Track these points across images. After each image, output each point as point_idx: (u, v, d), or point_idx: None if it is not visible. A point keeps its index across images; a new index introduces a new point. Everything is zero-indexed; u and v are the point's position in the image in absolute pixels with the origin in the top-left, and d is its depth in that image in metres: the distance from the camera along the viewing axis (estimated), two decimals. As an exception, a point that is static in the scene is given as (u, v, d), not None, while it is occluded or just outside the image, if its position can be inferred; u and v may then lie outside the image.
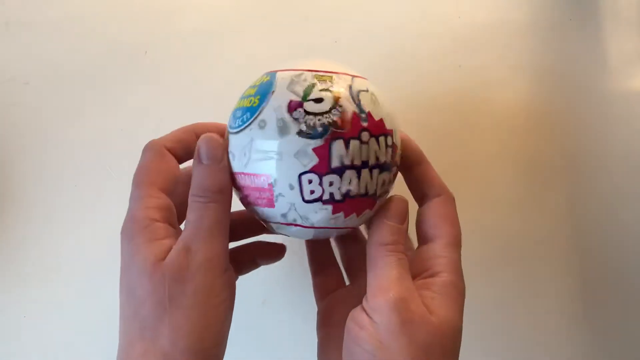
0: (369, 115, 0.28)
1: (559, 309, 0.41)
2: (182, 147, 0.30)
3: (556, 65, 0.43)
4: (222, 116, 0.39)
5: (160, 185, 0.29)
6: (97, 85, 0.42)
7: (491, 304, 0.40)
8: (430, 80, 0.42)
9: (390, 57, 0.43)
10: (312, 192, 0.27)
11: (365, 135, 0.27)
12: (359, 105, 0.28)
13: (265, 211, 0.28)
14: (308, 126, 0.26)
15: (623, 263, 0.42)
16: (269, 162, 0.27)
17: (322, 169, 0.26)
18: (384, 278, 0.27)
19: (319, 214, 0.27)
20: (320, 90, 0.27)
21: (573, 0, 0.44)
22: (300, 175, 0.26)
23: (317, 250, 0.35)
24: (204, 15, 0.43)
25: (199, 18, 0.43)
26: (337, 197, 0.27)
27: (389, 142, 0.28)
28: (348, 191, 0.27)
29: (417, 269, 0.28)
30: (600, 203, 0.42)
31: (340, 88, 0.28)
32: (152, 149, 0.30)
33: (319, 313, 0.34)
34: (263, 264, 0.36)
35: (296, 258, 0.38)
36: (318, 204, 0.27)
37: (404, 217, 0.29)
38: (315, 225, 0.28)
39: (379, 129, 0.28)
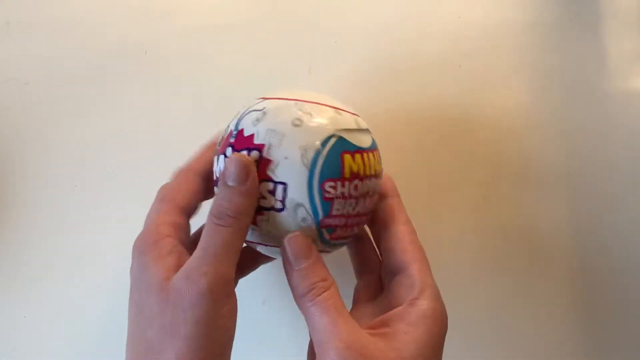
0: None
1: (559, 310, 0.41)
2: (210, 166, 0.31)
3: (556, 65, 0.43)
4: (222, 116, 0.38)
5: (181, 204, 0.29)
6: (97, 86, 0.42)
7: (490, 305, 0.40)
8: (430, 80, 0.42)
9: (390, 57, 0.43)
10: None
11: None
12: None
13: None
14: None
15: (623, 263, 0.41)
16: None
17: None
18: (321, 331, 0.25)
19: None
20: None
21: (573, 0, 0.44)
22: None
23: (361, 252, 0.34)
24: (204, 15, 0.43)
25: (199, 18, 0.43)
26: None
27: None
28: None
29: (397, 300, 0.28)
30: (600, 203, 0.42)
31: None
32: (179, 172, 0.31)
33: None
34: (264, 263, 0.36)
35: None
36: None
37: (307, 252, 0.27)
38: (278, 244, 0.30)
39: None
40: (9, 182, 0.41)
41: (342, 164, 0.27)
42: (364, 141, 0.29)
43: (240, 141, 0.28)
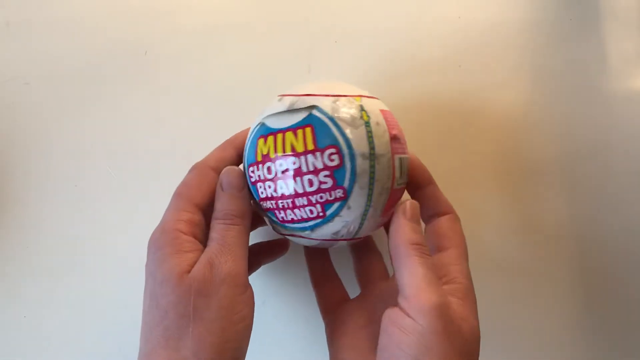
0: None
1: (559, 310, 0.41)
2: (225, 165, 0.32)
3: (556, 65, 0.43)
4: (222, 116, 0.39)
5: (197, 201, 0.30)
6: (97, 85, 0.42)
7: (490, 306, 0.40)
8: (430, 81, 0.42)
9: (390, 57, 0.43)
10: None
11: None
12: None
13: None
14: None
15: (624, 263, 0.41)
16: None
17: None
18: (421, 279, 0.27)
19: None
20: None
21: (573, 0, 0.44)
22: None
23: (317, 264, 0.36)
24: (204, 15, 0.43)
25: (199, 18, 0.43)
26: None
27: None
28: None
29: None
30: (601, 203, 0.42)
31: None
32: (196, 168, 0.32)
33: (328, 326, 0.34)
34: (266, 263, 0.36)
35: (296, 258, 0.38)
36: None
37: (419, 220, 0.30)
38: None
39: None
40: (8, 182, 0.41)
41: (256, 148, 0.30)
42: (287, 122, 0.29)
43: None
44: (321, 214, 0.29)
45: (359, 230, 0.30)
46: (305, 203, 0.29)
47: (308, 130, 0.29)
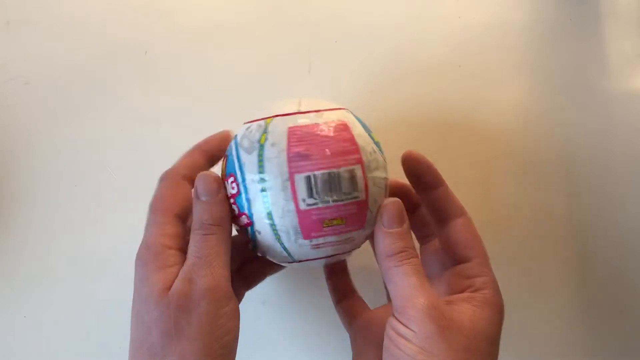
0: None
1: (559, 310, 0.41)
2: (195, 171, 0.31)
3: (556, 65, 0.43)
4: (222, 116, 0.38)
5: (176, 212, 0.30)
6: (97, 85, 0.42)
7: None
8: (431, 81, 0.42)
9: (390, 57, 0.43)
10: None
11: None
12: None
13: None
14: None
15: (624, 263, 0.41)
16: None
17: None
18: (406, 287, 0.27)
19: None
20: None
21: (573, 0, 0.44)
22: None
23: (339, 280, 0.36)
24: (204, 15, 0.43)
25: (199, 18, 0.43)
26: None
27: None
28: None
29: (460, 287, 0.30)
30: (600, 203, 0.42)
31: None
32: (167, 178, 0.31)
33: (352, 335, 0.34)
34: (272, 273, 0.36)
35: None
36: None
37: (401, 218, 0.29)
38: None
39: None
40: (8, 182, 0.41)
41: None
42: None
43: None
44: (247, 238, 0.30)
45: (290, 255, 0.29)
46: (237, 228, 0.30)
47: (223, 159, 0.31)
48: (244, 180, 0.28)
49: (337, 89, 0.42)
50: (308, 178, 0.27)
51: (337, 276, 0.36)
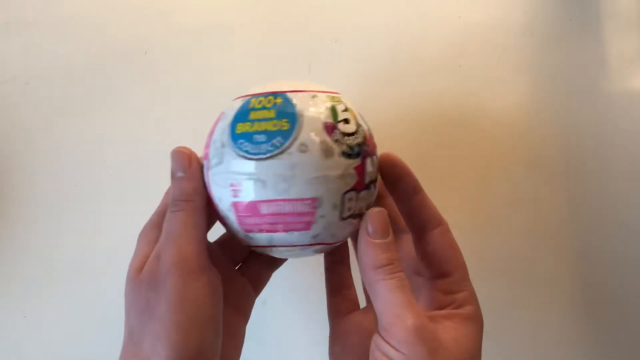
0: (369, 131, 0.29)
1: (559, 310, 0.41)
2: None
3: (556, 65, 0.43)
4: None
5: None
6: (97, 85, 0.42)
7: (489, 305, 0.40)
8: (430, 80, 0.42)
9: (390, 57, 0.43)
10: (349, 209, 0.27)
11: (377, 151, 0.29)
12: (365, 123, 0.29)
13: (292, 236, 0.27)
14: (348, 147, 0.27)
15: (623, 263, 0.41)
16: (314, 186, 0.26)
17: (359, 186, 0.27)
18: (394, 305, 0.26)
19: (347, 230, 0.28)
20: (342, 111, 0.28)
21: (573, 0, 0.44)
22: (344, 194, 0.27)
23: (336, 271, 0.35)
24: (204, 15, 0.43)
25: (199, 18, 0.43)
26: (362, 211, 0.28)
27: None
28: (368, 204, 0.28)
29: (441, 303, 0.29)
30: (600, 203, 0.42)
31: (350, 107, 0.29)
32: (140, 235, 0.31)
33: (332, 331, 0.34)
34: (275, 269, 0.36)
35: (296, 259, 0.38)
36: (349, 220, 0.28)
37: (387, 229, 0.28)
38: (338, 242, 0.29)
39: (374, 144, 0.29)
40: (8, 182, 0.41)
41: None
42: None
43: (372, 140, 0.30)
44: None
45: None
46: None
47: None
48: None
49: (336, 89, 0.42)
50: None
51: (334, 267, 0.35)
